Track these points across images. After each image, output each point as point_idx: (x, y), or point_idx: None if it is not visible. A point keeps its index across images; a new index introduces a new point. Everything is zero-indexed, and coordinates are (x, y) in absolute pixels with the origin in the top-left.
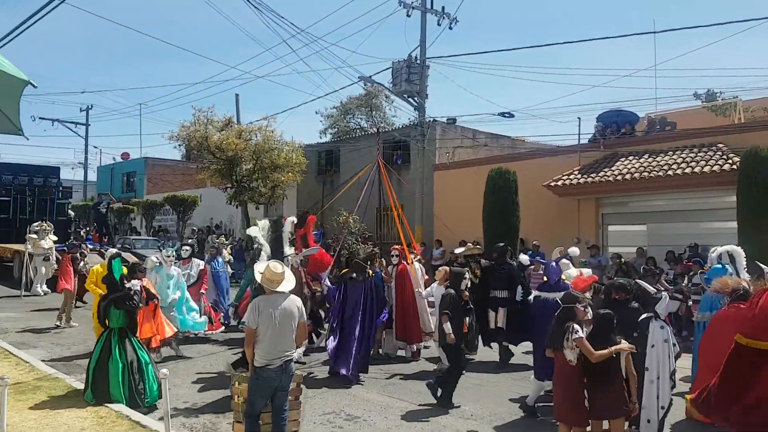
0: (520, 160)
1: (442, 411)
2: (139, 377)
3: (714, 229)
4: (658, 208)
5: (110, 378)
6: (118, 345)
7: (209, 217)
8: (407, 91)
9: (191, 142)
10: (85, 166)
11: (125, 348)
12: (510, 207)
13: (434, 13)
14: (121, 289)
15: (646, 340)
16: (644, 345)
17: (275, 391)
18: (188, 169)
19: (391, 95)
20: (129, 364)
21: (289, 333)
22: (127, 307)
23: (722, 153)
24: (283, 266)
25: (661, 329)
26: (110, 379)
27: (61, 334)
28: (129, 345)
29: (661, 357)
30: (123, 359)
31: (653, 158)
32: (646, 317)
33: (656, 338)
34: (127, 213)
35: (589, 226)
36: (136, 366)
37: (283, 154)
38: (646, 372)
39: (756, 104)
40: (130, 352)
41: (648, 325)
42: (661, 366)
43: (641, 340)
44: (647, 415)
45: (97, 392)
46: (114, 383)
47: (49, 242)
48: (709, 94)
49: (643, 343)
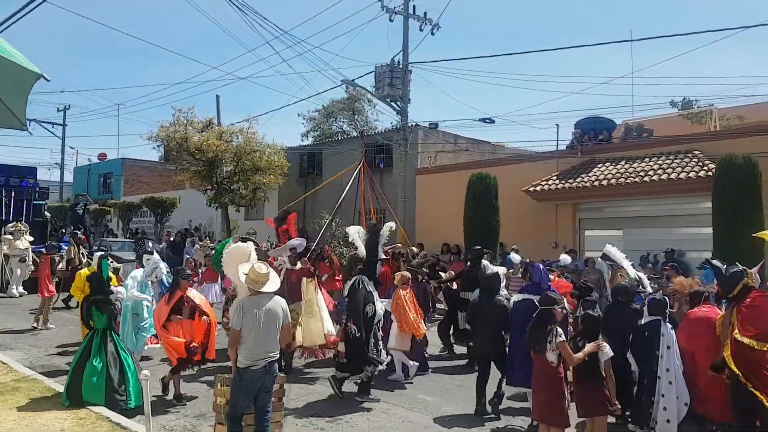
0: (500, 165)
1: (423, 412)
2: (120, 378)
3: (689, 235)
4: (634, 213)
5: (84, 380)
6: (99, 346)
7: (188, 220)
8: (390, 96)
9: (170, 143)
10: (61, 167)
11: (106, 349)
12: (490, 211)
13: (416, 18)
14: (106, 291)
15: (657, 341)
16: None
17: (258, 392)
18: (167, 170)
19: (373, 99)
20: (111, 365)
21: (273, 334)
22: (108, 312)
23: (698, 160)
24: (268, 267)
25: (672, 330)
26: (84, 381)
27: (38, 336)
28: (111, 346)
29: (675, 357)
30: (103, 359)
31: (630, 164)
32: (654, 320)
33: (671, 340)
34: (104, 214)
35: (567, 230)
36: (117, 367)
37: (264, 156)
38: (666, 373)
39: (731, 112)
40: (112, 353)
41: (660, 327)
42: (677, 366)
43: (650, 342)
44: (667, 416)
45: (71, 396)
46: (87, 386)
47: (25, 243)
48: (685, 102)
49: (651, 344)
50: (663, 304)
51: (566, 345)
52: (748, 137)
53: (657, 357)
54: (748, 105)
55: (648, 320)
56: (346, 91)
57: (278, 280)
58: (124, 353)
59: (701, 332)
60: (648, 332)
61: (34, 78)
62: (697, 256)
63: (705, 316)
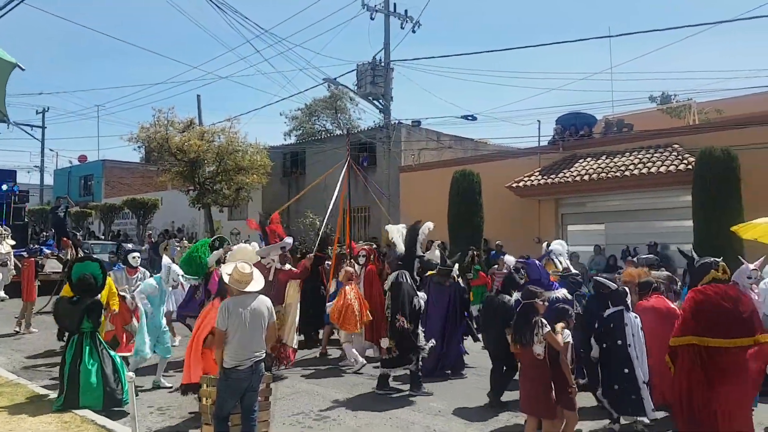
0: (483, 162)
1: (410, 409)
2: (116, 377)
3: (670, 228)
4: (615, 207)
5: (81, 384)
6: (89, 348)
7: (170, 221)
8: (372, 94)
9: (151, 143)
10: (41, 170)
11: (98, 350)
12: (474, 208)
13: (397, 16)
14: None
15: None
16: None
17: (245, 392)
18: (148, 171)
19: (356, 97)
20: (105, 364)
21: (258, 334)
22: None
23: (677, 153)
24: (252, 266)
25: (636, 318)
26: (81, 385)
27: (21, 340)
28: (101, 347)
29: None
30: (96, 360)
31: (610, 159)
32: (617, 310)
33: (636, 327)
34: (85, 217)
35: (549, 226)
36: (111, 367)
37: (247, 156)
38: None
39: (709, 106)
40: (103, 351)
41: (624, 317)
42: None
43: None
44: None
45: (68, 400)
46: (86, 389)
47: (7, 247)
48: (664, 96)
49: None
50: (623, 293)
51: (552, 334)
52: (726, 130)
53: (626, 346)
54: (726, 98)
55: (611, 311)
56: (328, 90)
57: (262, 280)
58: (111, 352)
59: (648, 322)
60: (613, 324)
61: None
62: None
63: (651, 306)
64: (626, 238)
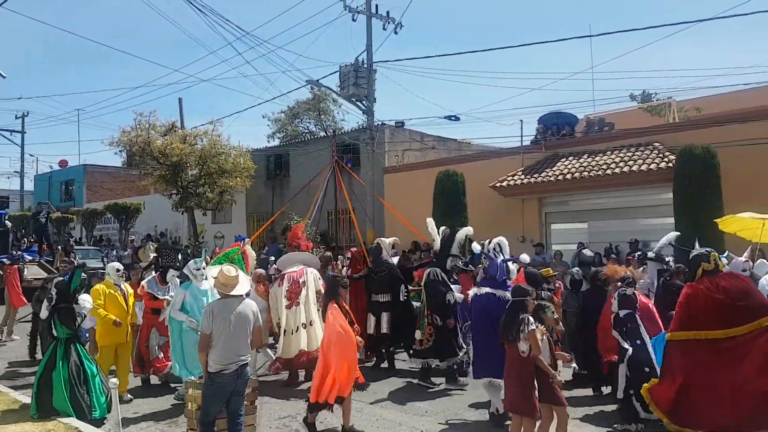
0: (466, 162)
1: (397, 410)
2: (84, 389)
3: (652, 225)
4: (598, 206)
5: (54, 389)
6: (63, 356)
7: (153, 225)
8: (355, 95)
9: (133, 147)
10: (21, 175)
11: (69, 359)
12: (458, 208)
13: (379, 17)
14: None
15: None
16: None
17: (230, 396)
18: (130, 175)
19: (339, 99)
20: (74, 375)
21: (243, 337)
22: (69, 327)
23: (658, 152)
24: (237, 269)
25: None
26: (54, 390)
27: (2, 347)
28: (75, 355)
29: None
30: (65, 370)
31: (592, 158)
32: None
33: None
34: (67, 222)
35: (533, 224)
36: (81, 377)
37: (230, 158)
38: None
39: (689, 104)
40: (75, 363)
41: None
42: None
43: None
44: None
45: (41, 405)
46: (58, 394)
47: None
48: (645, 95)
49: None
50: (633, 298)
51: (535, 334)
52: (706, 128)
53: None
54: (706, 96)
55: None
56: (311, 92)
57: (248, 283)
58: (88, 362)
59: None
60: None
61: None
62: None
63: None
64: (609, 236)
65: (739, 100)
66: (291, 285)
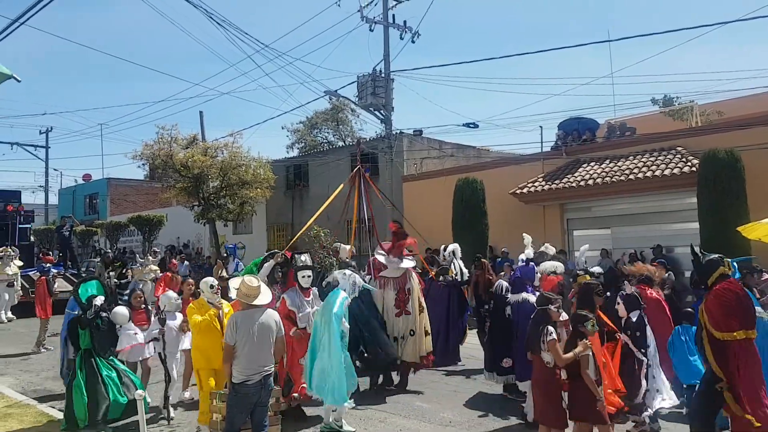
0: (486, 169)
1: (421, 420)
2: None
3: (676, 231)
4: (621, 211)
5: (74, 397)
6: (80, 365)
7: (176, 237)
8: (373, 105)
9: (155, 160)
10: (46, 189)
11: (88, 368)
12: (478, 215)
13: (396, 27)
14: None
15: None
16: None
17: (254, 407)
18: (152, 188)
19: (357, 108)
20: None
21: (267, 348)
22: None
23: (681, 156)
24: (259, 280)
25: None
26: (74, 398)
27: (29, 360)
28: (93, 365)
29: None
30: (84, 378)
31: (614, 163)
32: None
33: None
34: (91, 235)
35: (555, 231)
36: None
37: (250, 170)
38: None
39: (711, 107)
40: (93, 371)
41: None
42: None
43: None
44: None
45: (67, 416)
46: (77, 402)
47: (14, 268)
48: (666, 99)
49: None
50: (636, 297)
51: (556, 344)
52: (729, 131)
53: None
54: (728, 100)
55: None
56: (329, 102)
57: (270, 293)
58: (106, 370)
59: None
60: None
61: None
62: (683, 251)
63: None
64: (633, 242)
65: (762, 103)
66: (399, 293)
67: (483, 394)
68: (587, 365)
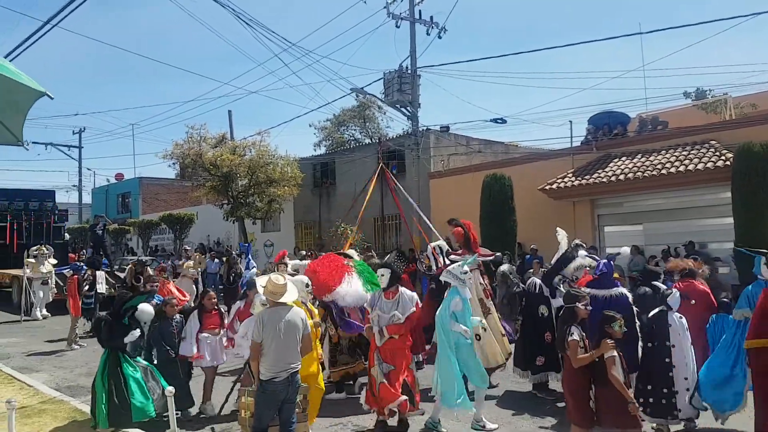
0: (514, 165)
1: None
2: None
3: (710, 226)
4: (653, 207)
5: (96, 396)
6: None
7: (206, 234)
8: (399, 101)
9: (185, 159)
10: (79, 189)
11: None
12: (506, 212)
13: (423, 23)
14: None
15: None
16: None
17: (282, 404)
18: (183, 187)
19: (383, 105)
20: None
21: (293, 345)
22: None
23: (715, 150)
24: (285, 278)
25: (681, 319)
26: (96, 396)
27: (63, 357)
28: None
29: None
30: (106, 378)
31: (646, 158)
32: (660, 311)
33: (681, 328)
34: (124, 234)
35: (585, 227)
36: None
37: (278, 168)
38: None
39: (745, 100)
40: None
41: (667, 318)
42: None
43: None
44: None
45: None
46: (98, 400)
47: (49, 266)
48: (699, 92)
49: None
50: (665, 296)
51: (576, 344)
52: (765, 125)
53: (668, 348)
54: (763, 92)
55: (654, 312)
56: (356, 99)
57: (296, 291)
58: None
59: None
60: (656, 325)
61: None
62: (718, 246)
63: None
64: (665, 238)
65: None
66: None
67: (511, 392)
68: (613, 366)
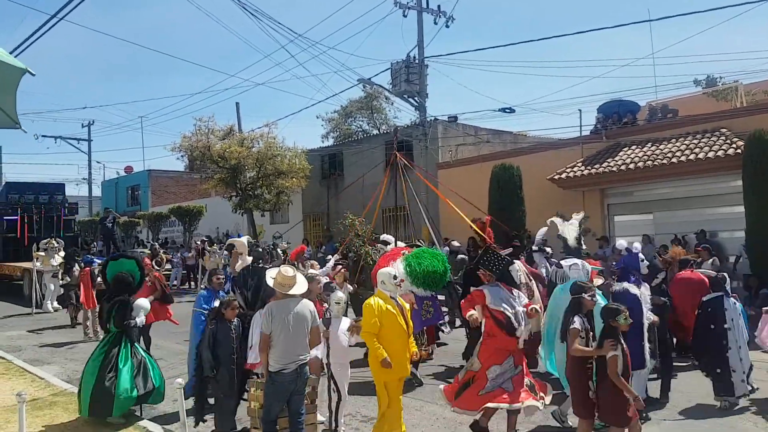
0: (523, 155)
1: None
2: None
3: (721, 215)
4: (663, 196)
5: (82, 382)
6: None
7: (215, 227)
8: (407, 92)
9: (194, 152)
10: (89, 182)
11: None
12: (515, 202)
13: (430, 12)
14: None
15: (722, 315)
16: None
17: (291, 396)
18: (192, 179)
19: (391, 96)
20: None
21: (302, 337)
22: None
23: (725, 138)
24: (295, 270)
25: (736, 304)
26: (83, 382)
27: (74, 349)
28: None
29: (741, 327)
30: (98, 361)
31: (656, 146)
32: (717, 296)
33: (736, 313)
34: (134, 226)
35: (595, 217)
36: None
37: (286, 160)
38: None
39: (757, 88)
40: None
41: (723, 302)
42: (744, 338)
43: (713, 317)
44: (740, 377)
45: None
46: (84, 387)
47: (59, 259)
48: (709, 79)
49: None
50: (722, 280)
51: (576, 332)
52: None
53: (725, 330)
54: None
55: (710, 297)
56: (363, 90)
57: (305, 283)
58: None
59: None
60: (711, 308)
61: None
62: (729, 235)
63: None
64: (676, 227)
65: None
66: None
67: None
68: (615, 367)
